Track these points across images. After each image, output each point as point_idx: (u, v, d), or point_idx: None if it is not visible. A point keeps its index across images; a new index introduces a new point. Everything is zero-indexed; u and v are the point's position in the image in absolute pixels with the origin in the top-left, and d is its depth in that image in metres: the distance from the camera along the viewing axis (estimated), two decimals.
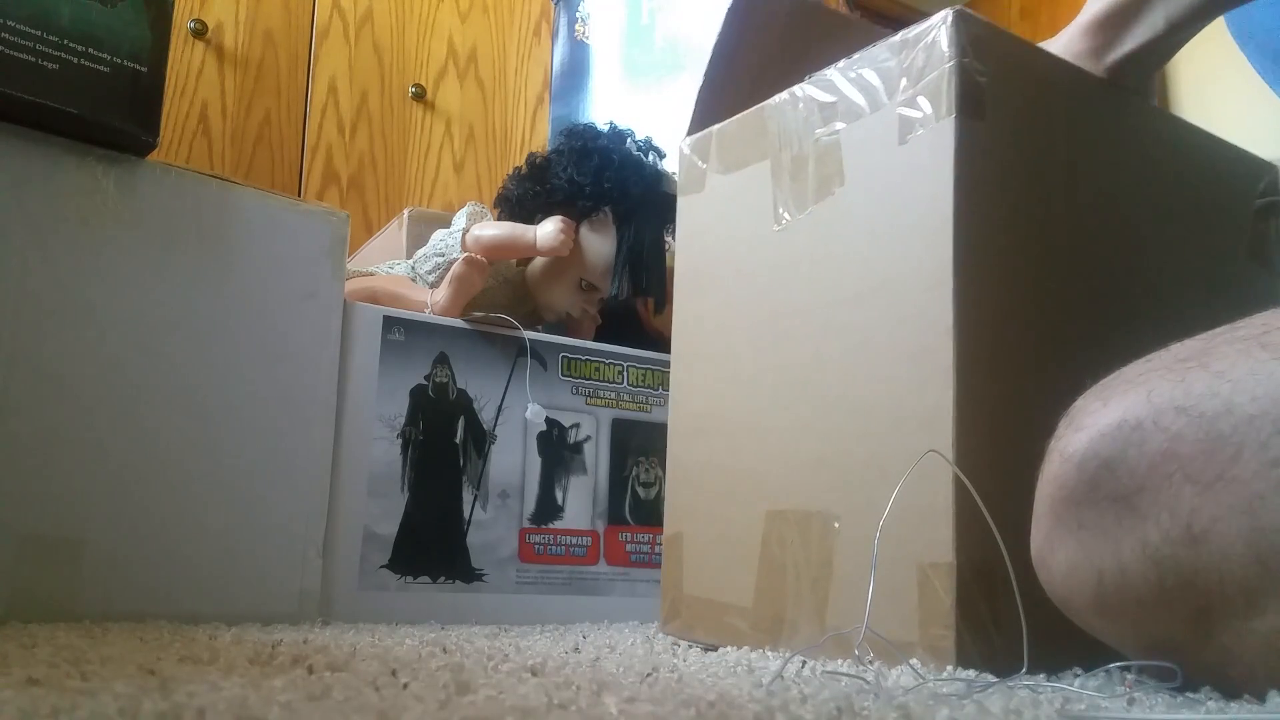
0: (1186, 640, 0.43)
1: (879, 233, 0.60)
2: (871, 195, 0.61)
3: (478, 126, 1.79)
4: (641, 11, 1.40)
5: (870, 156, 0.62)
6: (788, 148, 0.68)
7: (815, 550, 0.61)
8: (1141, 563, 0.42)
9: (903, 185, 0.59)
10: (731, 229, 0.73)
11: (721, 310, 0.73)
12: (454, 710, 0.33)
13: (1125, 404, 0.44)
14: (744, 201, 0.71)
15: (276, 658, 0.48)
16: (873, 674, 0.49)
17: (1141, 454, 0.42)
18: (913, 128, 0.59)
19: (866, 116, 0.62)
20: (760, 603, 0.65)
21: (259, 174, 1.55)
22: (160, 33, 0.71)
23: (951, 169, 0.56)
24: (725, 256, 0.73)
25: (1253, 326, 0.43)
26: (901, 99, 0.60)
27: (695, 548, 0.72)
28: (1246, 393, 0.40)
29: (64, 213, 0.69)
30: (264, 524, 0.75)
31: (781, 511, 0.64)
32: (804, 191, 0.66)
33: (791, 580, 0.63)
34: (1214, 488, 0.40)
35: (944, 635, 0.52)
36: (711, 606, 0.69)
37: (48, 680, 0.38)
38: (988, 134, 0.58)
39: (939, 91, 0.58)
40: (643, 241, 1.01)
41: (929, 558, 0.54)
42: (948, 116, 0.57)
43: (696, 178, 0.77)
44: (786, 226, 0.67)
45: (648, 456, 0.96)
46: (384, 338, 0.84)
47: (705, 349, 0.74)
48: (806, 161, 0.66)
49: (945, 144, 0.57)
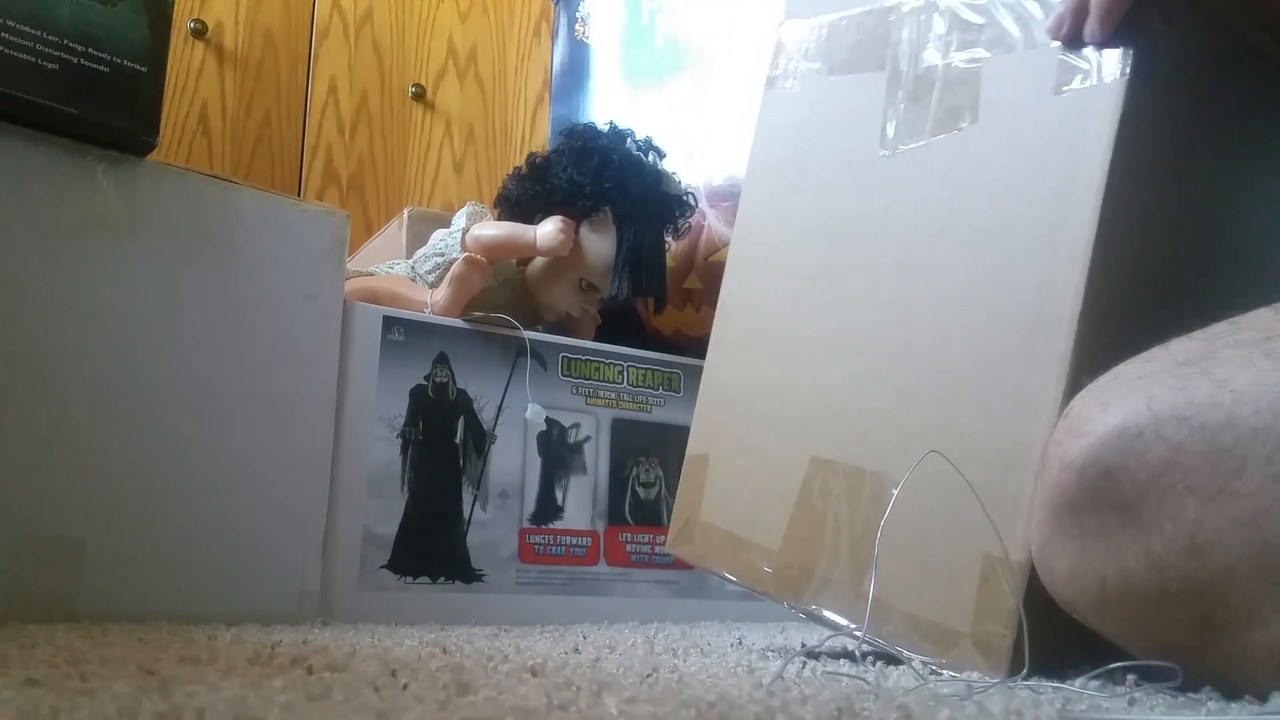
0: (1190, 645, 0.43)
1: (1008, 185, 0.55)
2: (1008, 141, 0.55)
3: (478, 126, 1.79)
4: (641, 11, 1.40)
5: (1015, 97, 0.55)
6: (912, 64, 0.61)
7: (863, 511, 0.57)
8: (1145, 571, 0.42)
9: (1050, 140, 0.53)
10: (825, 138, 0.66)
11: (797, 223, 0.66)
12: (454, 710, 0.33)
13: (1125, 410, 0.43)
14: (847, 111, 0.64)
15: (276, 658, 0.48)
16: (873, 674, 0.49)
17: (1143, 463, 0.42)
18: (1073, 78, 0.53)
19: (1019, 51, 0.56)
20: (789, 550, 0.61)
21: (259, 174, 1.55)
22: (160, 33, 0.71)
23: (1112, 136, 0.51)
24: (812, 166, 0.66)
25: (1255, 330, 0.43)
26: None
27: (722, 474, 0.67)
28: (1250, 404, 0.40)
29: (64, 213, 0.69)
30: (264, 524, 0.75)
31: (830, 461, 0.60)
32: (924, 118, 0.60)
33: (830, 535, 0.58)
34: (1217, 500, 0.40)
35: (1000, 634, 0.50)
36: (731, 540, 0.65)
37: (48, 680, 0.38)
38: (1153, 103, 0.52)
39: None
40: (643, 241, 1.00)
41: (998, 551, 0.50)
42: (1119, 77, 0.51)
43: (790, 71, 0.69)
44: (897, 153, 0.61)
45: (648, 456, 0.96)
46: (384, 338, 0.84)
47: (770, 261, 0.67)
48: (933, 85, 0.60)
49: (1110, 106, 0.51)
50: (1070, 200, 0.52)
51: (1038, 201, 0.53)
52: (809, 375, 0.62)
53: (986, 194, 0.56)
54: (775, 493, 0.62)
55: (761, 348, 0.66)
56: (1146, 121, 0.52)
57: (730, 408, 0.68)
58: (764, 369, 0.66)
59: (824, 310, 0.63)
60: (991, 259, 0.55)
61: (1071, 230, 0.51)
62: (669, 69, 1.34)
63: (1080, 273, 0.51)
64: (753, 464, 0.65)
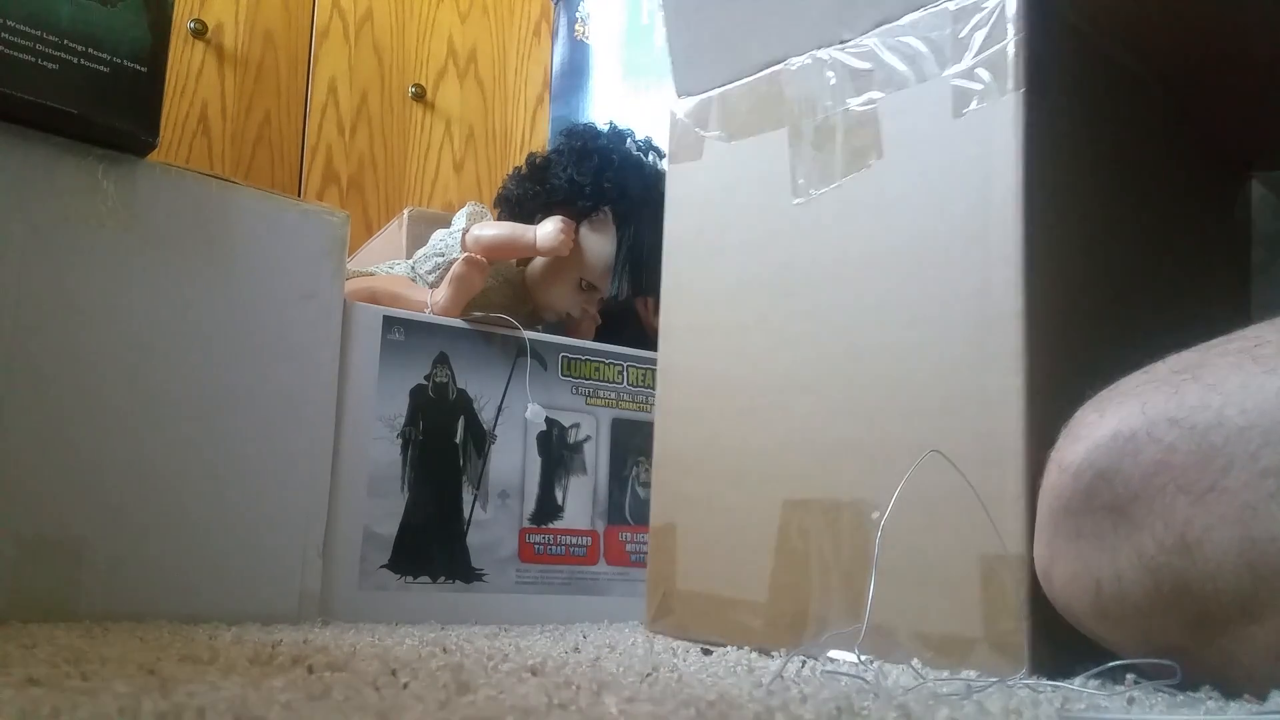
0: (1187, 646, 0.43)
1: (928, 206, 0.57)
2: (919, 167, 0.58)
3: (478, 126, 1.79)
4: (641, 11, 1.40)
5: (917, 128, 0.59)
6: (809, 116, 0.64)
7: (848, 542, 0.58)
8: (1138, 571, 0.43)
9: (959, 158, 0.56)
10: (738, 198, 0.69)
11: (723, 283, 0.68)
12: (454, 710, 0.33)
13: (1120, 415, 0.44)
14: (754, 171, 0.67)
15: (276, 658, 0.48)
16: (873, 674, 0.49)
17: (1136, 465, 0.43)
18: (970, 100, 0.56)
19: (912, 86, 0.59)
20: (778, 598, 0.61)
21: (259, 174, 1.56)
22: (160, 33, 0.71)
23: (1020, 144, 0.54)
24: (729, 227, 0.69)
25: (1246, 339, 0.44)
26: (956, 70, 0.57)
27: (692, 539, 0.68)
28: (1236, 405, 0.41)
29: (64, 213, 0.69)
30: (264, 524, 0.75)
31: (803, 501, 0.60)
32: (832, 162, 0.63)
33: (817, 574, 0.59)
34: (1206, 498, 0.41)
35: (1014, 630, 0.50)
36: (714, 602, 0.65)
37: (48, 680, 0.38)
38: (1051, 109, 0.55)
39: (1003, 64, 0.55)
40: (642, 241, 1.00)
41: (994, 549, 0.51)
42: (1013, 90, 0.54)
43: (692, 144, 0.72)
44: (811, 199, 0.64)
45: (648, 456, 0.96)
46: (384, 338, 0.84)
47: (702, 323, 0.70)
48: (834, 132, 0.63)
49: (1009, 118, 0.54)
50: (992, 207, 0.54)
51: (960, 215, 0.56)
52: (765, 422, 0.64)
53: (909, 218, 0.59)
54: (752, 545, 0.63)
55: (710, 407, 0.68)
56: (1048, 131, 0.55)
57: (689, 472, 0.69)
58: (716, 427, 0.67)
59: (768, 357, 0.65)
60: (926, 275, 0.57)
61: (999, 233, 0.54)
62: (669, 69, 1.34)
63: (1017, 272, 0.53)
64: (724, 522, 0.65)
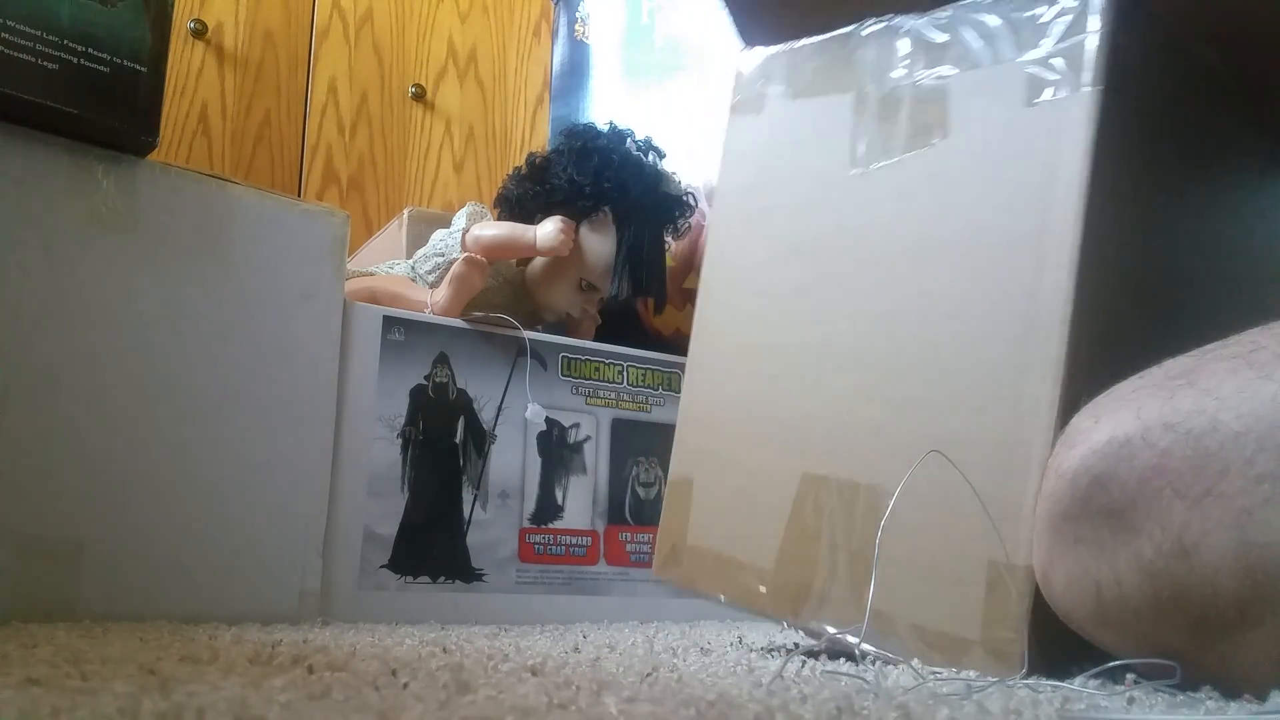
0: (1187, 650, 0.43)
1: (986, 196, 0.56)
2: (983, 153, 0.57)
3: (478, 126, 1.79)
4: (641, 11, 1.40)
5: (986, 111, 0.57)
6: (877, 84, 0.62)
7: (859, 526, 0.57)
8: (1137, 575, 0.43)
9: (1026, 150, 0.55)
10: (794, 160, 0.67)
11: (771, 244, 0.67)
12: (454, 710, 0.33)
13: (1115, 421, 0.45)
14: (814, 133, 0.65)
15: (276, 658, 0.48)
16: (873, 674, 0.49)
17: (1131, 470, 0.43)
18: (1043, 90, 0.55)
19: (985, 67, 0.57)
20: (784, 568, 0.61)
21: (259, 174, 1.55)
22: (160, 33, 0.71)
23: (1090, 144, 0.52)
24: (784, 188, 0.67)
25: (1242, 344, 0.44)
26: (1033, 56, 0.55)
27: (707, 496, 0.67)
28: (1232, 410, 0.41)
29: (64, 213, 0.69)
30: (264, 524, 0.75)
31: (823, 477, 0.60)
32: (894, 136, 0.61)
33: (826, 551, 0.58)
34: (1203, 503, 0.41)
35: (1011, 640, 0.50)
36: (721, 561, 0.65)
37: (48, 680, 0.38)
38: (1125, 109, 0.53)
39: (1080, 57, 0.53)
40: (642, 241, 1.01)
41: (1003, 556, 0.51)
42: (1090, 87, 0.53)
43: (753, 97, 0.70)
44: (867, 171, 0.62)
45: (648, 456, 0.96)
46: (384, 338, 0.84)
47: (746, 283, 0.68)
48: (901, 104, 0.61)
49: (1082, 116, 0.52)
50: (1052, 207, 0.53)
51: (1018, 210, 0.54)
52: (795, 392, 0.63)
53: (965, 206, 0.57)
54: (766, 511, 0.62)
55: (742, 368, 0.66)
56: (1119, 131, 0.53)
57: (713, 429, 0.68)
58: (747, 389, 0.66)
59: (806, 328, 0.63)
60: (975, 269, 0.55)
61: (1055, 236, 0.52)
62: (669, 69, 1.34)
63: (1068, 278, 0.51)
64: (741, 484, 0.65)
